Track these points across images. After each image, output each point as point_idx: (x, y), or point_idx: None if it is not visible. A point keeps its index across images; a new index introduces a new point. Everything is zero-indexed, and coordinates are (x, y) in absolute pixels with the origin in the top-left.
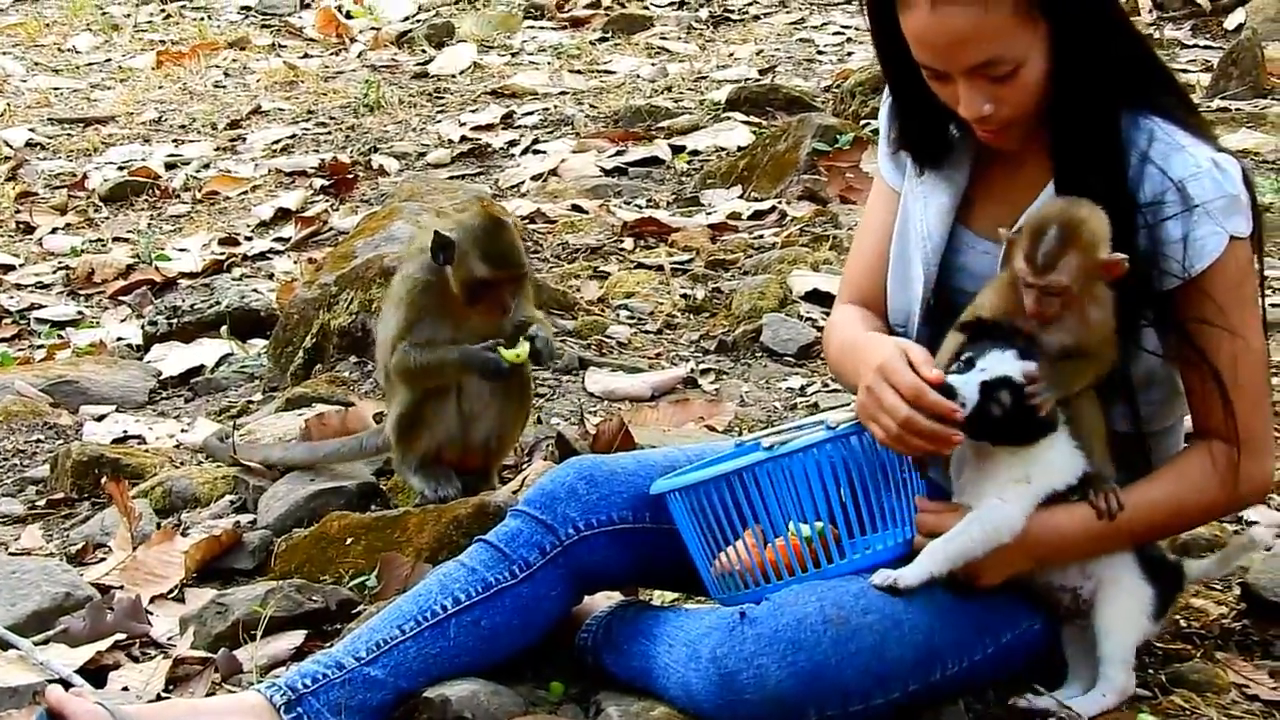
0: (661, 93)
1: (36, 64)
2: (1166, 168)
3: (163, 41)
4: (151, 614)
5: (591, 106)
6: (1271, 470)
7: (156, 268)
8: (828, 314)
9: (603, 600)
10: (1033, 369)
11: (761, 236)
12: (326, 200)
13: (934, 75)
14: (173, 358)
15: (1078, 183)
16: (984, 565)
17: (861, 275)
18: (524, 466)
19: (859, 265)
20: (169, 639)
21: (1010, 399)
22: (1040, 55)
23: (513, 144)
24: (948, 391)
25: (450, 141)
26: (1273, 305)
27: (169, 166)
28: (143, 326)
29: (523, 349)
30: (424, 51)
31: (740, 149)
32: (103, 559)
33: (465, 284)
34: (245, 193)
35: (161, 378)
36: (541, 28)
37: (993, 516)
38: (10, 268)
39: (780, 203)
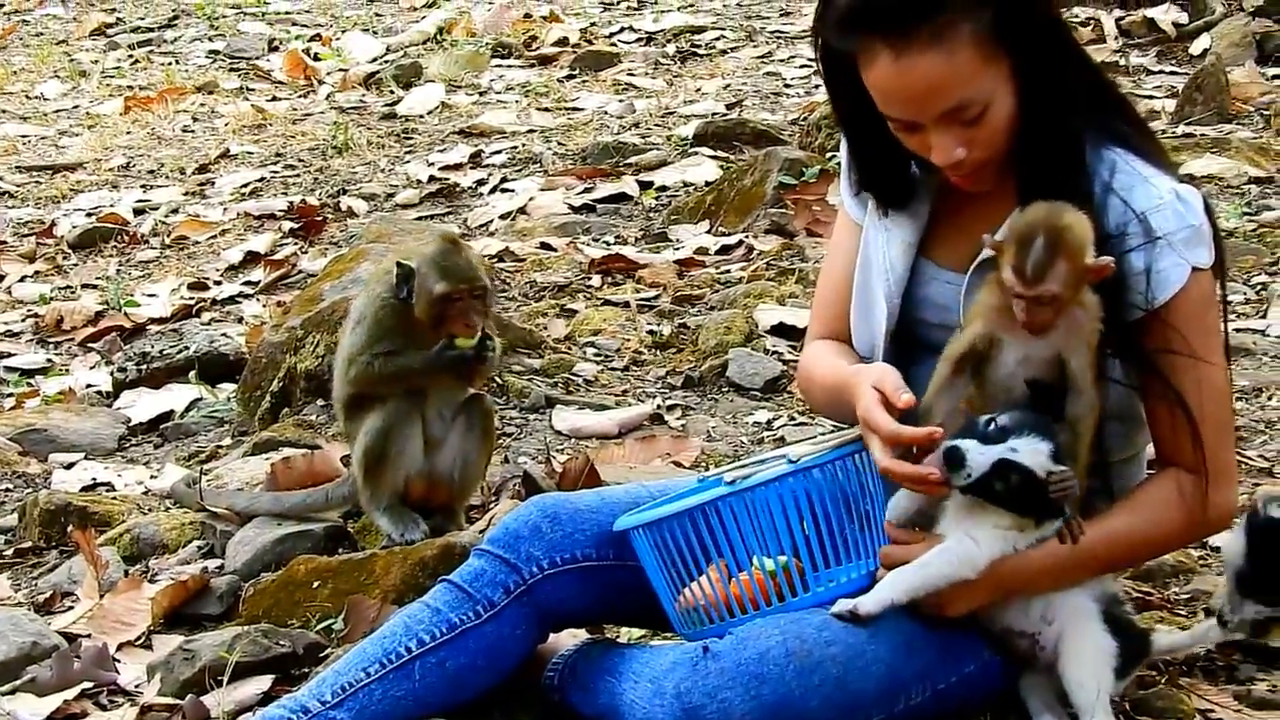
0: (629, 129)
1: (4, 111)
2: (1129, 199)
3: (131, 87)
4: (119, 661)
5: (559, 144)
6: (1235, 498)
7: (125, 314)
8: (794, 347)
9: (568, 638)
10: (1061, 470)
11: (728, 271)
12: (295, 243)
13: (903, 126)
14: (142, 404)
15: None
16: (949, 596)
17: (829, 310)
18: (491, 506)
19: (826, 300)
20: (136, 686)
21: (1019, 484)
22: (1006, 92)
23: (481, 183)
24: (955, 456)
25: (419, 182)
26: (1236, 330)
27: (137, 212)
28: (112, 373)
29: (475, 335)
30: (392, 92)
31: (708, 184)
32: (70, 607)
33: (428, 307)
34: (214, 237)
35: (131, 424)
36: (509, 66)
37: (959, 552)
38: None
39: (747, 237)
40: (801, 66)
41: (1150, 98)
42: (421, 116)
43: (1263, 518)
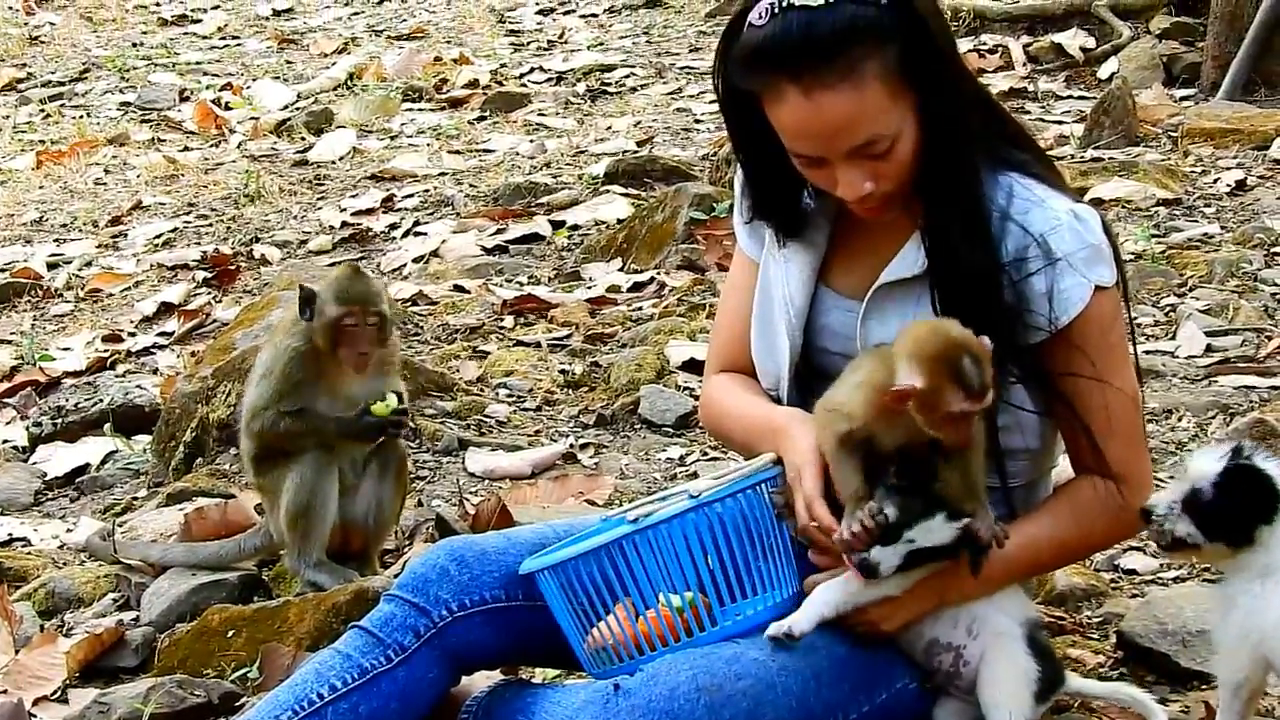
0: (541, 169)
1: None
2: (1027, 223)
3: (42, 141)
4: (34, 716)
5: (471, 186)
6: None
7: (40, 368)
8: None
9: (481, 680)
10: (964, 522)
11: (640, 308)
12: (209, 292)
13: (809, 162)
14: (58, 458)
15: (946, 244)
16: (886, 613)
17: (729, 345)
18: (405, 550)
19: (725, 336)
20: None
21: (936, 552)
22: (911, 126)
23: (394, 227)
24: (868, 568)
25: (331, 228)
26: (1146, 352)
27: (51, 266)
28: (27, 428)
29: (390, 400)
30: (303, 139)
31: (619, 221)
32: None
33: (325, 330)
34: (128, 289)
35: (47, 478)
36: (420, 110)
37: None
38: None
39: (659, 273)
40: (711, 102)
41: (1059, 122)
42: (333, 162)
43: (1244, 459)
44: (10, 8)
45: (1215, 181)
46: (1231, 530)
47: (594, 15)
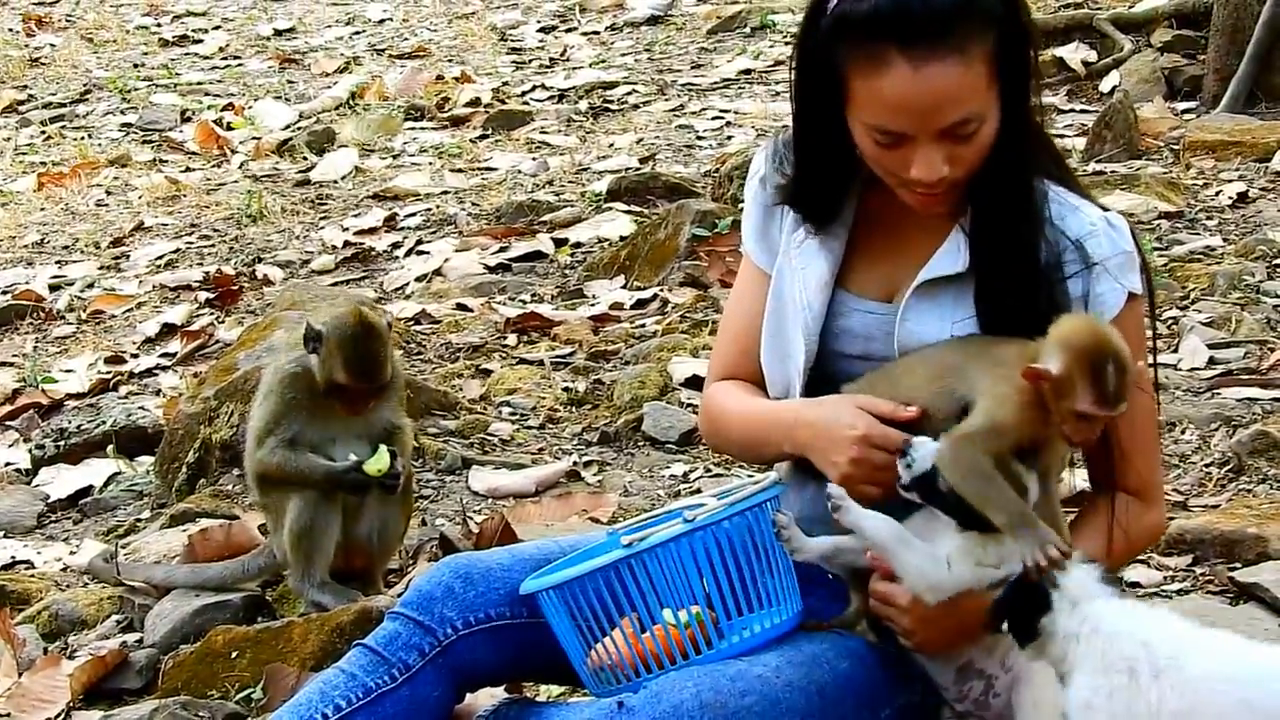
0: (543, 187)
1: None
2: (1065, 228)
3: (44, 163)
4: None
5: (474, 204)
6: (1164, 517)
7: (43, 390)
8: None
9: (486, 698)
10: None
11: (643, 325)
12: (212, 313)
13: (890, 141)
14: (61, 480)
15: (994, 242)
16: (926, 634)
17: (732, 355)
18: (408, 569)
19: (730, 344)
20: None
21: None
22: (995, 115)
23: (396, 246)
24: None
25: (334, 247)
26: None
27: (53, 288)
28: (30, 450)
29: (382, 461)
30: (305, 159)
31: (622, 239)
32: None
33: (326, 382)
34: (130, 310)
35: (50, 501)
36: (422, 128)
37: (931, 560)
38: None
39: (662, 290)
40: (714, 119)
41: (1061, 136)
42: (335, 182)
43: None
44: (11, 29)
45: (1217, 194)
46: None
47: (596, 33)
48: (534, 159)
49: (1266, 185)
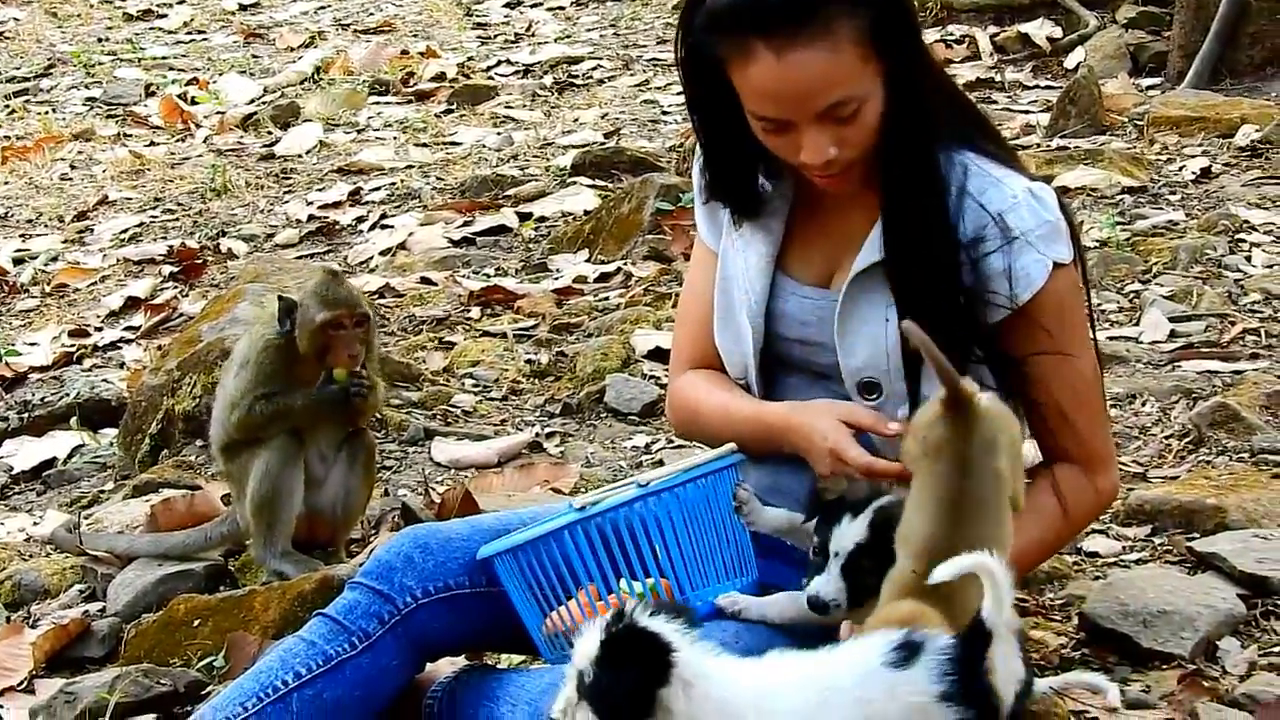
0: (508, 161)
1: None
2: (985, 201)
3: (7, 137)
4: (1, 707)
5: (438, 179)
6: (1116, 480)
7: (6, 363)
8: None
9: (446, 666)
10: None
11: (607, 298)
12: (176, 287)
13: (774, 127)
14: (24, 452)
15: (903, 222)
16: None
17: (693, 341)
18: (371, 539)
19: (690, 330)
20: None
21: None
22: (877, 92)
23: (361, 220)
24: (818, 605)
25: (298, 221)
26: (1110, 338)
27: (16, 261)
28: None
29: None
30: (269, 133)
31: (586, 213)
32: None
33: (311, 337)
34: (94, 283)
35: (13, 472)
36: (387, 103)
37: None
38: None
39: (626, 264)
40: (679, 93)
41: (1026, 112)
42: (300, 156)
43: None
44: None
45: (1180, 169)
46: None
47: (561, 8)
48: (499, 134)
49: (1229, 161)
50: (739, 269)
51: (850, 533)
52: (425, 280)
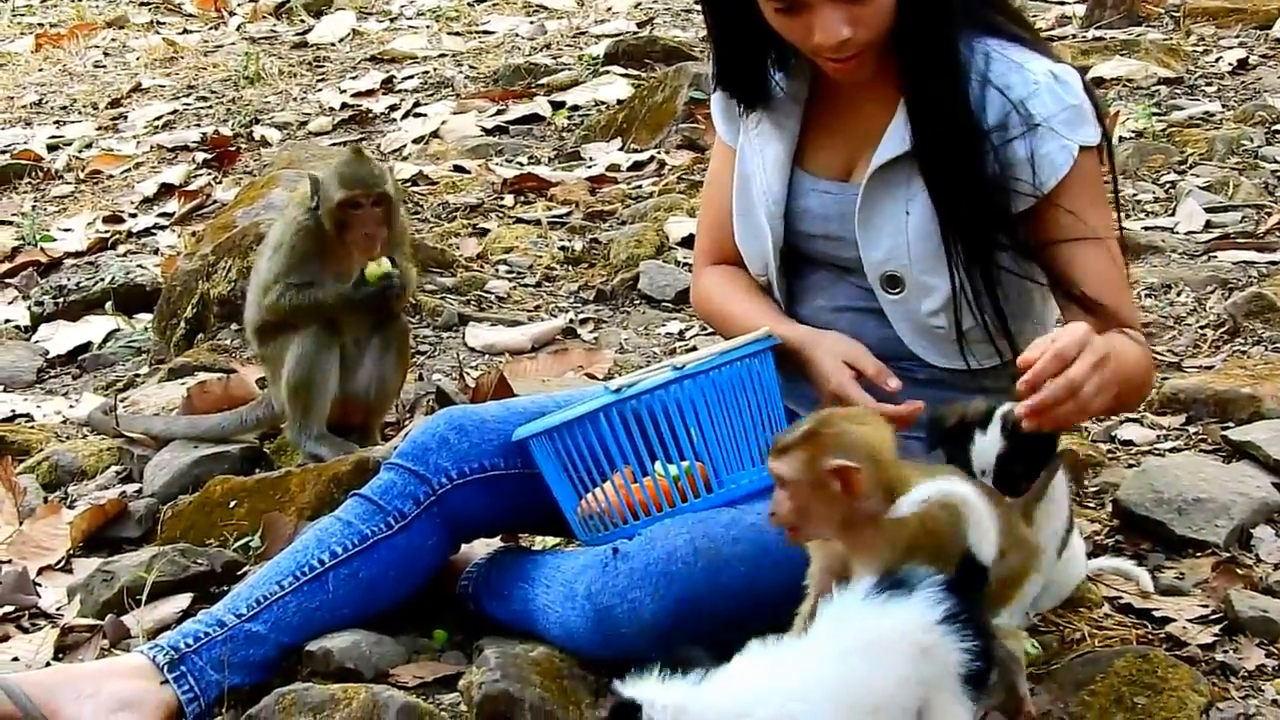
0: (540, 50)
1: None
2: (1007, 88)
3: (41, 24)
4: (39, 585)
5: (471, 67)
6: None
7: (42, 249)
8: None
9: (481, 547)
10: None
11: (640, 187)
12: (209, 174)
13: (786, 7)
14: (60, 336)
15: (927, 110)
16: None
17: (715, 236)
18: (406, 423)
19: (710, 226)
20: (57, 609)
21: None
22: None
23: (393, 108)
24: None
25: (331, 109)
26: (1145, 228)
27: (51, 148)
28: (29, 307)
29: (383, 265)
30: (302, 21)
31: (619, 102)
32: None
33: (330, 215)
34: (128, 170)
35: (49, 356)
36: None
37: None
38: None
39: (659, 152)
40: None
41: (1062, 3)
42: (333, 44)
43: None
44: None
45: (1217, 60)
46: None
47: None
48: (531, 22)
49: (1266, 52)
50: (756, 166)
51: (988, 447)
52: (458, 168)
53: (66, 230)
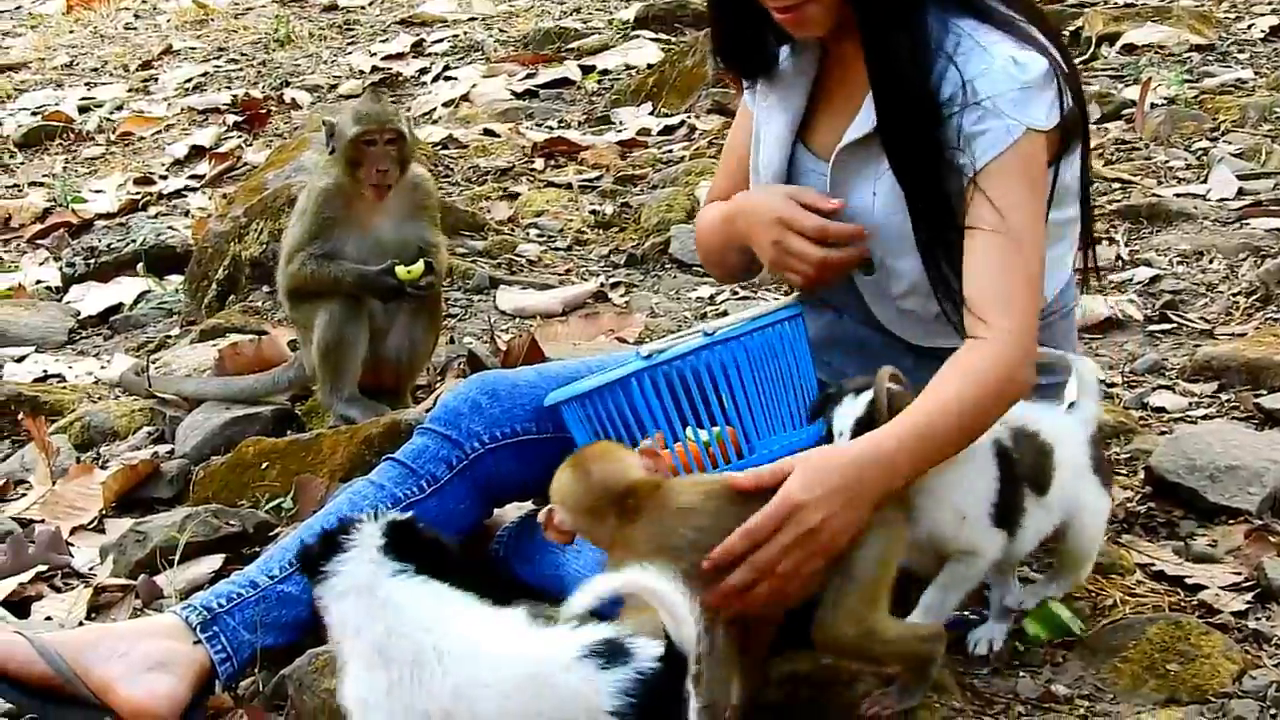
0: (570, 14)
1: None
2: (964, 66)
3: None
4: (72, 545)
5: (501, 31)
6: (999, 357)
7: (73, 210)
8: None
9: (513, 512)
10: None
11: (670, 151)
12: (240, 136)
13: None
14: (91, 297)
15: (886, 81)
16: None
17: (728, 185)
18: (437, 386)
19: (724, 178)
20: (90, 568)
21: None
22: None
23: (424, 72)
24: None
25: (361, 72)
26: (1177, 195)
27: (82, 110)
28: (61, 268)
29: (417, 267)
30: None
31: (650, 66)
32: (23, 494)
33: (344, 151)
34: (159, 132)
35: (81, 317)
36: None
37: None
38: None
39: (689, 117)
40: None
41: None
42: (363, 8)
43: None
44: None
45: (1249, 27)
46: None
47: None
48: None
49: None
50: (763, 139)
51: (851, 411)
52: (488, 132)
53: (97, 192)
